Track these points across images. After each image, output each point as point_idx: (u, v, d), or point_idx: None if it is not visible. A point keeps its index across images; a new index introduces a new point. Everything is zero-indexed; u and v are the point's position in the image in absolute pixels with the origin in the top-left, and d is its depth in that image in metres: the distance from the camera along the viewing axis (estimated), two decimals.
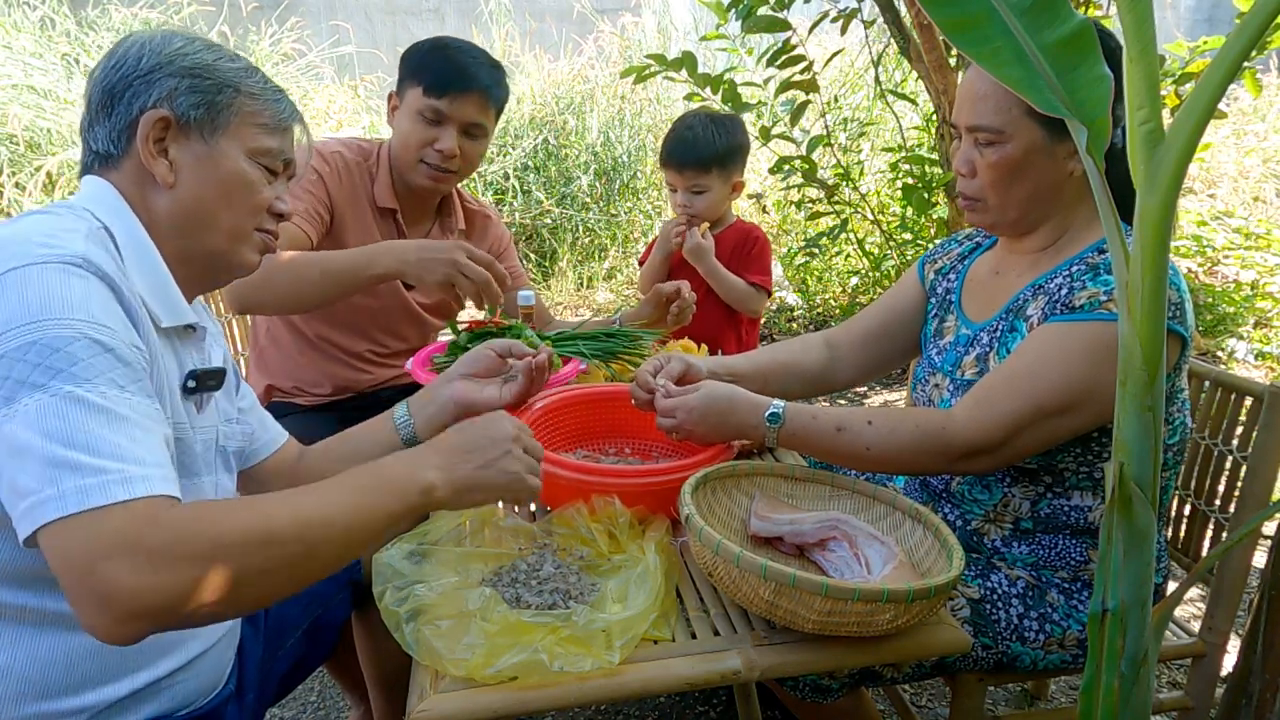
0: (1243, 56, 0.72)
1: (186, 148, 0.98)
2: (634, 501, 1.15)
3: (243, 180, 1.01)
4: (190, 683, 0.99)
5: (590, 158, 5.53)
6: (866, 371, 1.53)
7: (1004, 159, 1.18)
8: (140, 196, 0.98)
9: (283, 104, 1.05)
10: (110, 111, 0.97)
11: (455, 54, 1.74)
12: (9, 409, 0.75)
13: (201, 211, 0.99)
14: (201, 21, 6.08)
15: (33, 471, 0.74)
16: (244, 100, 1.01)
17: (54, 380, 0.76)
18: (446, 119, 1.73)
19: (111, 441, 0.76)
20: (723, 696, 1.85)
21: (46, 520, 0.73)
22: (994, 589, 1.24)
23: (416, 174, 1.78)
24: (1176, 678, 1.93)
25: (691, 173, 2.10)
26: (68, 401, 0.76)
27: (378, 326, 1.92)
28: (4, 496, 0.76)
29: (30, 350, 0.76)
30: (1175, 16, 7.71)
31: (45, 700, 0.86)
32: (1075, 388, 1.09)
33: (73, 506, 0.73)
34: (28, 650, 0.86)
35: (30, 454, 0.74)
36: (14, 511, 0.75)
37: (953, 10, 0.82)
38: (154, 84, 0.96)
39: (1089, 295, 1.12)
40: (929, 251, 1.52)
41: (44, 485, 0.73)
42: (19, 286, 0.78)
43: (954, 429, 1.14)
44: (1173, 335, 1.09)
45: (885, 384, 3.89)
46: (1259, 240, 4.08)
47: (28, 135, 4.98)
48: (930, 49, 2.88)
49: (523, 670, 0.89)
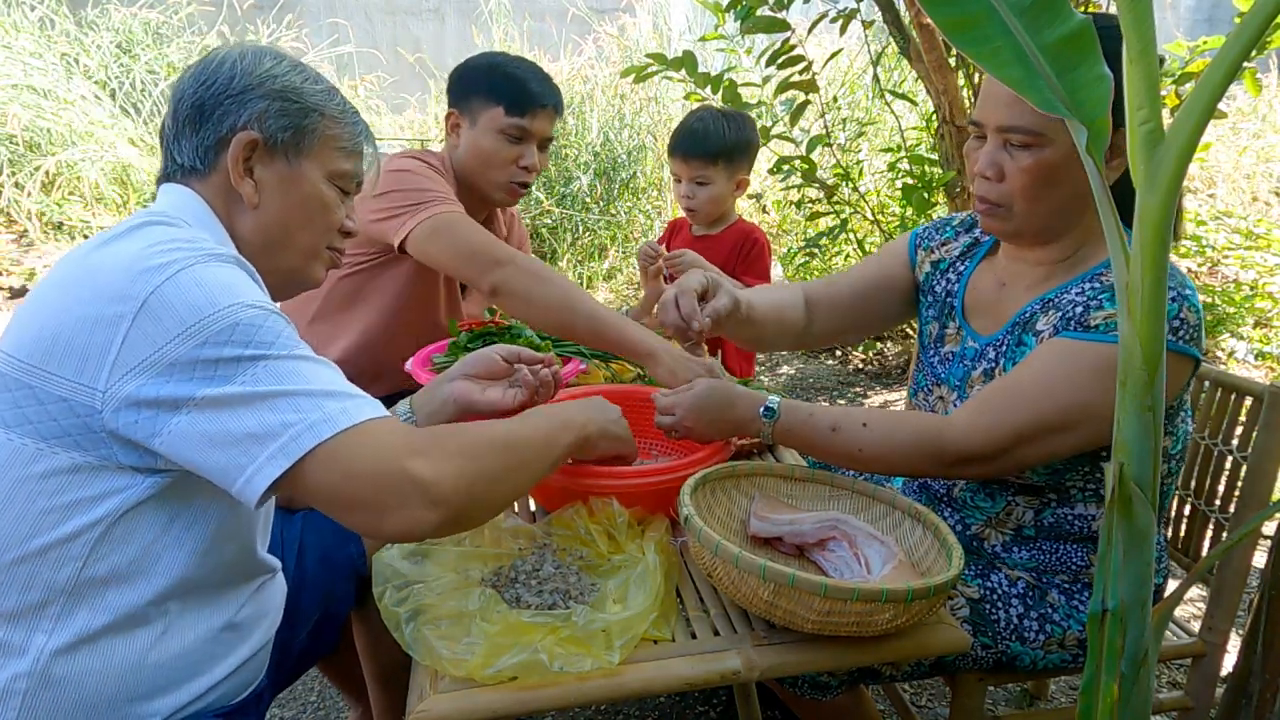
0: (1243, 56, 0.71)
1: (272, 169, 1.01)
2: (633, 502, 1.15)
3: (321, 202, 1.04)
4: (238, 680, 1.01)
5: (590, 158, 5.53)
6: (840, 336, 1.52)
7: (1040, 164, 1.11)
8: (225, 212, 1.00)
9: (359, 126, 1.09)
10: (199, 127, 0.99)
11: (523, 72, 1.80)
12: (234, 383, 0.80)
13: (282, 231, 1.03)
14: (201, 21, 6.08)
15: (285, 407, 0.80)
16: (327, 124, 1.04)
17: (270, 350, 0.82)
18: (529, 135, 1.80)
19: (339, 379, 0.86)
20: (723, 696, 1.85)
21: (321, 439, 0.79)
22: (994, 589, 1.23)
23: (501, 190, 1.84)
24: (1176, 678, 1.93)
25: (697, 163, 2.09)
26: (292, 360, 0.83)
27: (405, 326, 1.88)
28: (225, 457, 0.80)
29: (235, 331, 0.81)
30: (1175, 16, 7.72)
31: (136, 702, 0.89)
32: (1081, 407, 1.06)
33: (346, 422, 0.81)
34: (125, 652, 0.88)
35: (276, 397, 0.80)
36: (254, 459, 0.79)
37: (952, 10, 0.82)
38: (245, 104, 0.98)
39: (1105, 316, 1.08)
40: (921, 233, 1.44)
41: (306, 413, 0.80)
42: (195, 281, 0.83)
43: (951, 435, 1.12)
44: (1186, 357, 1.07)
45: (885, 384, 3.89)
46: (1259, 240, 4.08)
47: (27, 135, 4.98)
48: (930, 49, 2.87)
49: (523, 670, 0.89)
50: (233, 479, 0.80)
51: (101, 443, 0.83)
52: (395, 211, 1.66)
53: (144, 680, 0.89)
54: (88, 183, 4.97)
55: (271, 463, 0.79)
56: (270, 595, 1.07)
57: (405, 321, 1.83)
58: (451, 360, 1.65)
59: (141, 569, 0.88)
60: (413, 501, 0.81)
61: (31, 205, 4.93)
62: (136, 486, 0.85)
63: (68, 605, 0.85)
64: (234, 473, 0.80)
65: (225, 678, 0.98)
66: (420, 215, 1.64)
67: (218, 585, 0.96)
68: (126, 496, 0.85)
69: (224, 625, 0.97)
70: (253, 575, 1.02)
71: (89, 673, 0.86)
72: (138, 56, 5.64)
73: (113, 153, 5.01)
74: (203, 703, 0.96)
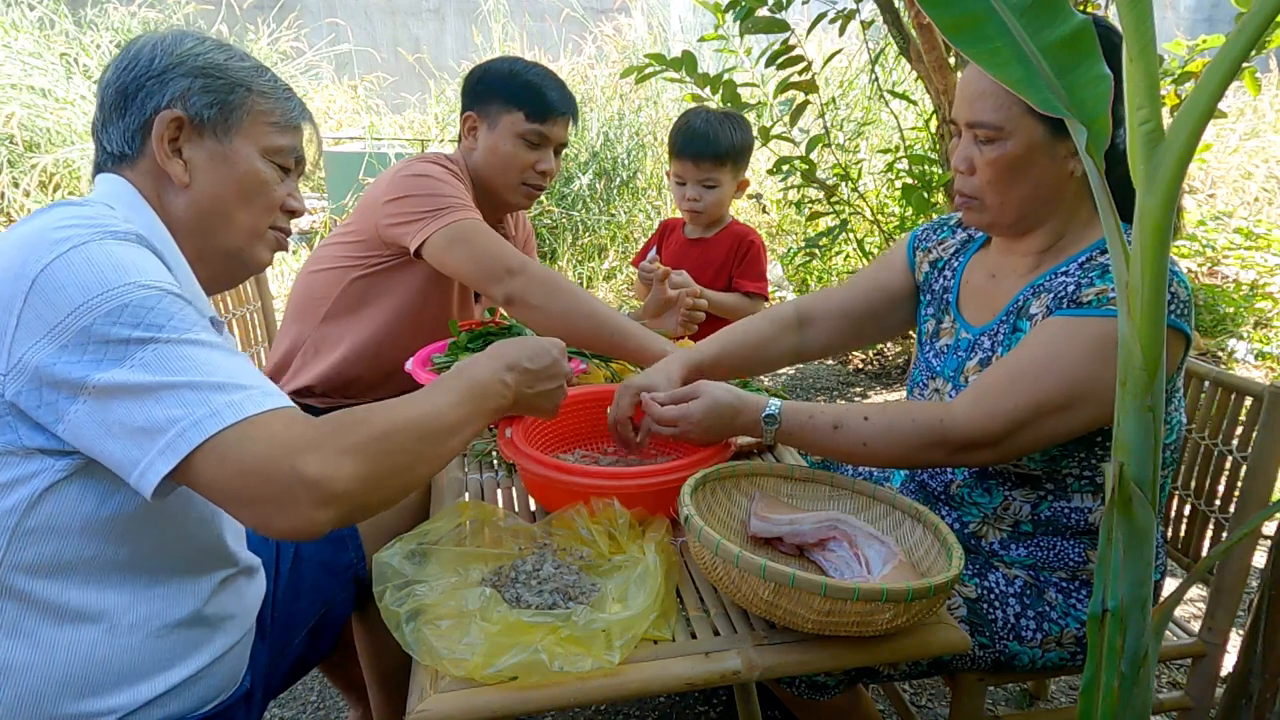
0: (1242, 56, 0.71)
1: (200, 147, 0.99)
2: (633, 503, 1.15)
3: (257, 178, 1.02)
4: (213, 680, 1.00)
5: (590, 158, 5.53)
6: (839, 348, 1.53)
7: (1003, 157, 1.16)
8: (157, 196, 0.99)
9: (293, 103, 1.07)
10: (124, 111, 0.98)
11: (542, 80, 1.82)
12: (122, 366, 0.78)
13: (218, 210, 1.00)
14: (200, 20, 6.08)
15: (172, 401, 0.78)
16: (256, 99, 1.02)
17: (160, 333, 0.80)
18: (547, 141, 1.83)
19: (238, 368, 0.83)
20: (723, 696, 1.85)
21: (207, 435, 0.77)
22: (991, 588, 1.24)
23: (517, 194, 1.86)
24: (1176, 678, 1.93)
25: (708, 165, 2.07)
26: (183, 344, 0.80)
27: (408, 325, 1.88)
28: (119, 449, 0.79)
29: (124, 313, 0.79)
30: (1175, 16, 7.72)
31: (84, 698, 0.87)
32: (1079, 382, 1.08)
33: (232, 417, 0.78)
34: (68, 646, 0.86)
35: (163, 389, 0.78)
36: (145, 453, 0.77)
37: (952, 10, 0.82)
38: (167, 84, 0.97)
39: (1097, 291, 1.10)
40: (918, 234, 1.47)
41: (192, 409, 0.77)
42: (86, 260, 0.81)
43: (952, 422, 1.13)
44: (1177, 332, 1.09)
45: (885, 383, 3.89)
46: (1259, 240, 4.08)
47: (26, 135, 4.98)
48: (930, 49, 2.88)
49: (523, 670, 0.89)
50: (128, 472, 0.79)
51: (6, 427, 0.82)
52: (414, 217, 1.67)
53: (91, 675, 0.87)
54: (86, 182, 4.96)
55: (161, 458, 0.77)
56: (240, 594, 1.05)
57: (415, 324, 1.82)
58: (451, 360, 1.64)
59: (73, 557, 0.86)
60: (302, 500, 0.78)
61: (31, 205, 4.93)
62: (48, 469, 0.83)
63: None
64: (129, 466, 0.79)
65: (189, 679, 0.95)
66: (439, 222, 1.65)
67: (167, 576, 0.93)
68: (40, 481, 0.83)
69: (181, 621, 0.94)
70: (210, 568, 0.99)
71: (28, 666, 0.84)
72: None
73: None
74: (170, 705, 0.94)
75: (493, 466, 1.44)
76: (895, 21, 3.06)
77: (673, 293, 1.91)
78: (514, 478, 1.40)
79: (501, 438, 1.25)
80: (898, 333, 1.50)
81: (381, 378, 1.84)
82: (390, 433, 0.87)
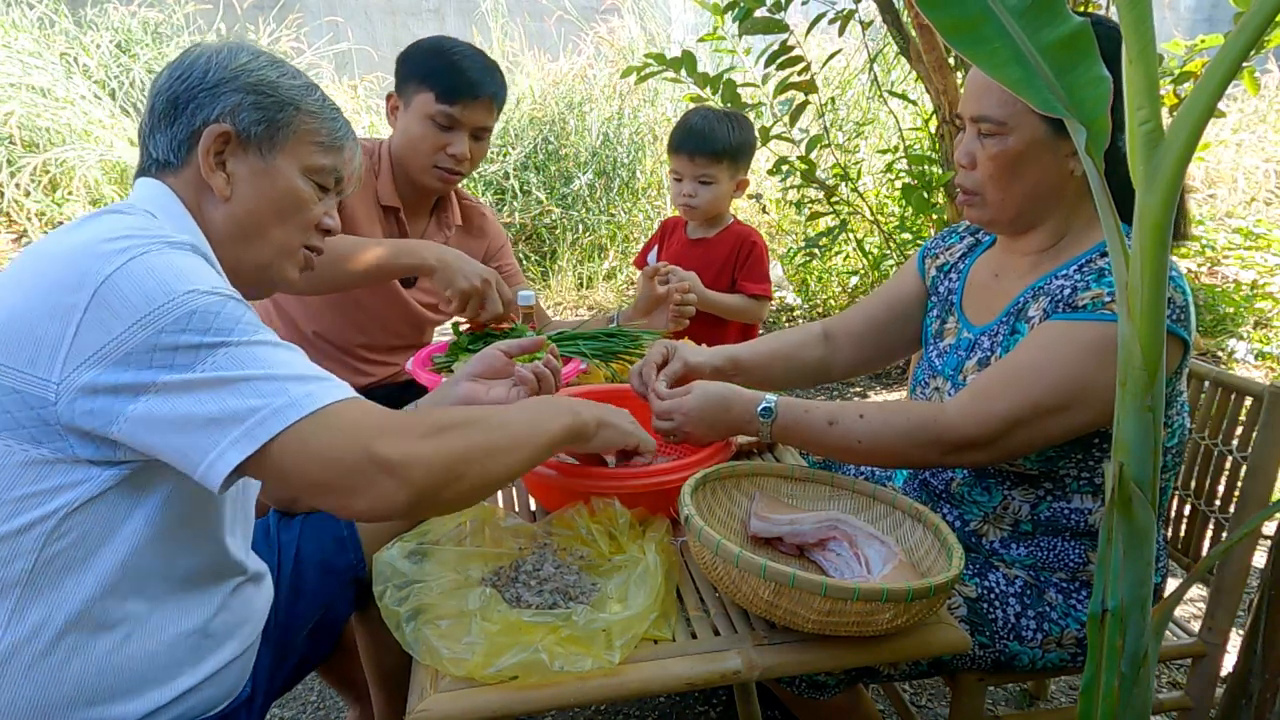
0: (1242, 56, 0.71)
1: (244, 162, 1.00)
2: (634, 503, 1.15)
3: (296, 197, 1.04)
4: (219, 687, 1.00)
5: (590, 158, 5.54)
6: (864, 364, 1.54)
7: (1005, 152, 1.17)
8: (197, 205, 1.00)
9: (339, 123, 1.08)
10: (173, 121, 0.99)
11: (463, 60, 1.75)
12: (196, 371, 0.79)
13: (254, 225, 1.02)
14: (200, 20, 6.08)
15: (249, 392, 0.79)
16: (303, 118, 1.03)
17: (230, 337, 0.81)
18: (459, 124, 1.76)
19: (304, 362, 0.85)
20: (723, 696, 1.85)
21: (289, 423, 0.79)
22: (991, 588, 1.24)
23: (428, 176, 1.81)
24: (1176, 678, 1.93)
25: (703, 161, 2.07)
26: (254, 346, 0.82)
27: (375, 324, 1.92)
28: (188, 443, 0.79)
29: (191, 319, 0.80)
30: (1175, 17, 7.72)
31: (97, 705, 0.87)
32: (1073, 386, 1.08)
33: (312, 405, 0.80)
34: (87, 654, 0.87)
35: (239, 383, 0.79)
36: (217, 443, 0.78)
37: (950, 12, 0.82)
38: (219, 98, 0.98)
39: (1093, 296, 1.11)
40: (929, 244, 1.50)
41: (271, 398, 0.79)
42: (148, 269, 0.81)
43: (947, 422, 1.14)
44: (1175, 338, 1.09)
45: (885, 383, 3.89)
46: (1259, 240, 4.08)
47: (26, 135, 4.98)
48: (930, 49, 2.88)
49: (523, 670, 0.89)
50: (195, 463, 0.79)
51: (57, 435, 0.82)
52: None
53: (105, 682, 0.87)
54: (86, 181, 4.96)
55: (235, 448, 0.78)
56: (249, 600, 1.06)
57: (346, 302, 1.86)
58: (451, 360, 1.65)
59: (99, 565, 0.86)
60: (380, 481, 0.81)
61: (31, 205, 4.93)
62: (93, 480, 0.84)
63: (22, 601, 0.84)
64: (196, 457, 0.79)
65: (197, 685, 0.96)
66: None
67: (184, 585, 0.94)
68: (83, 490, 0.84)
69: (194, 630, 0.95)
70: (224, 577, 1.01)
71: (46, 671, 0.85)
72: (137, 56, 5.64)
73: (111, 152, 5.02)
74: (177, 710, 0.94)
75: None
76: (895, 22, 3.06)
77: (662, 289, 1.91)
78: None
79: None
80: (917, 346, 1.51)
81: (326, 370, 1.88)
82: (464, 421, 0.90)
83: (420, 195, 1.89)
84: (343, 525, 1.28)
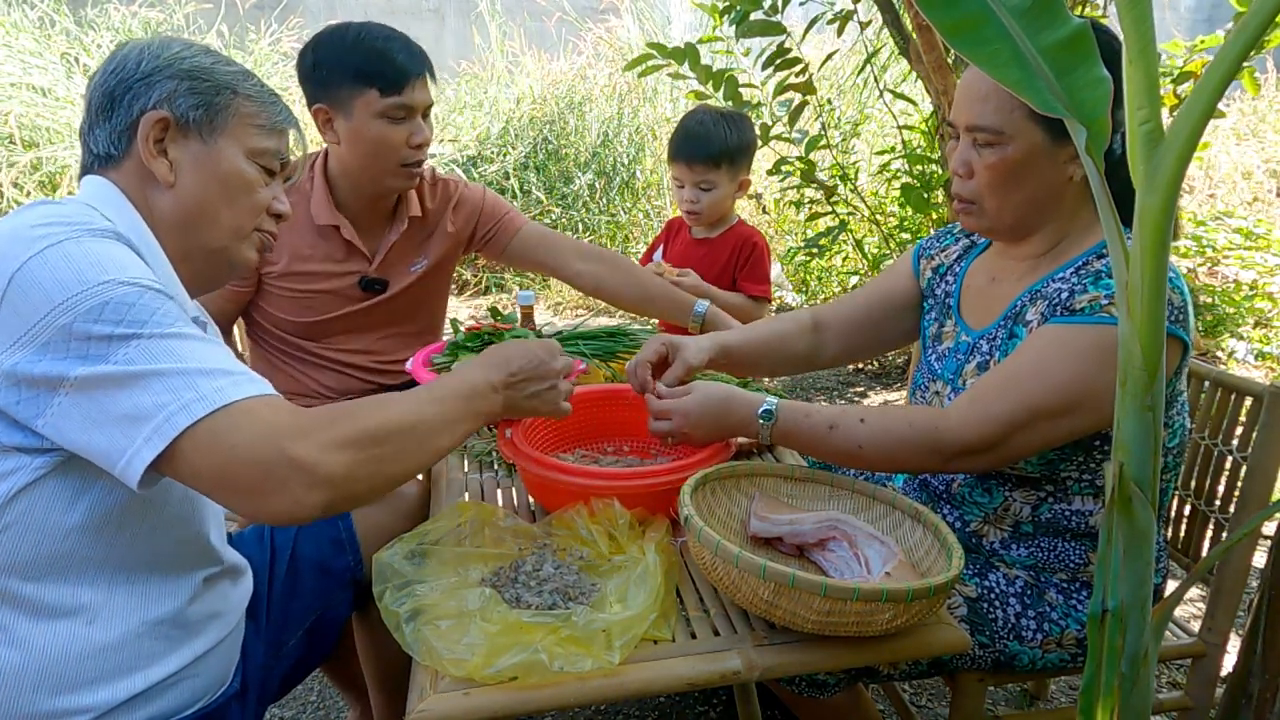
0: (1243, 56, 0.71)
1: (186, 148, 0.99)
2: (634, 503, 1.15)
3: (242, 179, 1.02)
4: (198, 680, 1.00)
5: (590, 157, 5.53)
6: (851, 355, 1.54)
7: (1003, 161, 1.16)
8: (142, 196, 0.99)
9: (278, 107, 1.07)
10: (110, 114, 0.98)
11: (388, 45, 1.65)
12: (107, 362, 0.78)
13: (202, 209, 1.01)
14: (200, 20, 6.08)
15: (159, 388, 0.78)
16: (241, 102, 1.02)
17: (143, 329, 0.80)
18: (412, 110, 1.67)
19: (220, 356, 0.83)
20: (723, 696, 1.85)
21: (196, 418, 0.77)
22: (991, 588, 1.24)
23: (395, 178, 1.72)
24: (1176, 678, 1.93)
25: (701, 167, 2.07)
26: (166, 339, 0.81)
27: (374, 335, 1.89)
28: (104, 438, 0.78)
29: (105, 310, 0.79)
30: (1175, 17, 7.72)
31: (61, 694, 0.87)
32: (1072, 390, 1.08)
33: (220, 401, 0.78)
34: (45, 643, 0.87)
35: (150, 377, 0.78)
36: (131, 441, 0.77)
37: (950, 13, 0.82)
38: (153, 86, 0.98)
39: (1090, 299, 1.11)
40: (924, 243, 1.49)
41: (179, 394, 0.78)
42: (64, 258, 0.81)
43: (947, 427, 1.13)
44: (1174, 339, 1.09)
45: (885, 384, 3.89)
46: (1259, 240, 4.08)
47: (26, 134, 4.98)
48: (929, 49, 2.87)
49: (523, 670, 0.89)
50: (113, 462, 0.79)
51: None
52: None
53: (68, 672, 0.87)
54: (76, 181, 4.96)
55: (148, 445, 0.77)
56: (224, 594, 1.05)
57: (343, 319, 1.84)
58: (451, 360, 1.65)
59: (49, 554, 0.86)
60: (293, 484, 0.79)
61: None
62: (25, 468, 0.84)
63: None
64: (115, 455, 0.79)
65: (172, 676, 0.95)
66: None
67: (146, 574, 0.94)
68: (17, 479, 0.83)
69: (162, 619, 0.94)
70: (191, 567, 1.00)
71: (4, 662, 0.85)
72: None
73: None
74: (154, 704, 0.94)
75: (493, 466, 1.45)
76: (895, 22, 3.05)
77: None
78: (514, 478, 1.40)
79: (501, 438, 1.25)
80: (905, 341, 1.53)
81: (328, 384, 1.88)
82: (379, 427, 0.88)
83: (376, 202, 1.79)
84: (340, 527, 1.28)
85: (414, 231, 1.85)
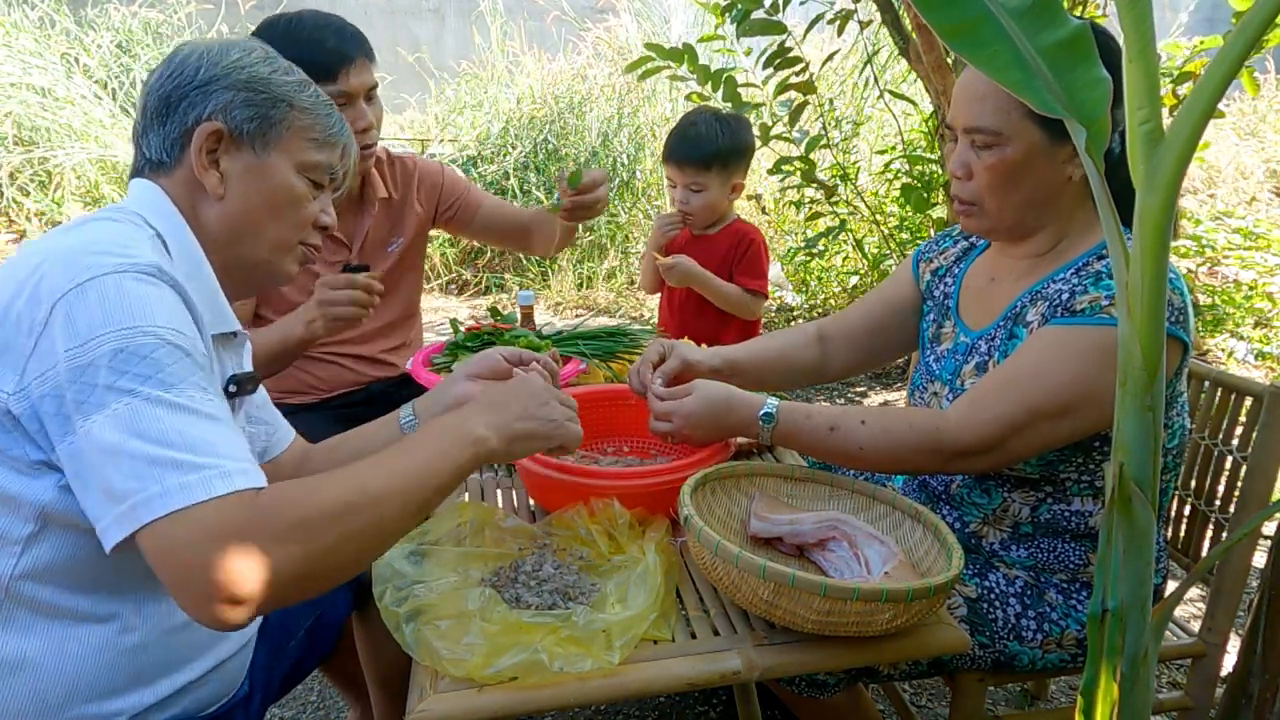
0: (1243, 56, 0.71)
1: (238, 160, 0.99)
2: (633, 503, 1.15)
3: (290, 194, 1.02)
4: (215, 685, 1.00)
5: (590, 158, 5.53)
6: (858, 365, 1.54)
7: (1002, 161, 1.16)
8: (190, 205, 0.99)
9: (333, 118, 1.07)
10: (165, 120, 0.98)
11: (319, 32, 1.57)
12: (100, 414, 0.77)
13: (248, 223, 1.01)
14: (200, 20, 6.08)
15: (130, 471, 0.76)
16: (296, 115, 1.02)
17: (144, 385, 0.79)
18: (352, 96, 1.61)
19: (204, 439, 0.79)
20: (723, 696, 1.85)
21: (154, 517, 0.75)
22: (991, 588, 1.24)
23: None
24: (1176, 678, 1.93)
25: (692, 169, 2.09)
26: (159, 405, 0.79)
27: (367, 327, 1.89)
28: (90, 501, 0.79)
29: (117, 357, 0.79)
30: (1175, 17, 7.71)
31: (91, 702, 0.88)
32: (1072, 391, 1.08)
33: (178, 503, 0.76)
34: (77, 651, 0.87)
35: (126, 455, 0.77)
36: (105, 515, 0.77)
37: (949, 14, 0.82)
38: (210, 95, 0.97)
39: (1090, 300, 1.11)
40: (923, 247, 1.50)
41: (146, 484, 0.76)
42: (100, 295, 0.81)
43: (948, 429, 1.14)
44: (1174, 340, 1.09)
45: (885, 384, 3.89)
46: (1259, 240, 4.08)
47: (26, 134, 4.98)
48: (929, 49, 2.88)
49: (523, 670, 0.89)
50: (94, 521, 0.79)
51: (14, 442, 0.82)
52: None
53: (102, 677, 0.88)
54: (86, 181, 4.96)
55: (116, 526, 0.77)
56: None
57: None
58: (450, 360, 1.65)
59: (83, 565, 0.86)
60: (215, 599, 0.75)
61: (31, 204, 4.93)
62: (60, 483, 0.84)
63: (8, 600, 0.85)
64: (95, 519, 0.79)
65: (195, 681, 0.96)
66: None
67: None
68: (52, 493, 0.84)
69: (186, 624, 0.94)
70: None
71: (40, 668, 0.85)
72: (137, 56, 5.65)
73: (109, 151, 5.01)
74: (174, 708, 0.94)
75: (493, 467, 1.44)
76: (894, 22, 3.06)
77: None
78: (514, 478, 1.40)
79: None
80: (911, 348, 1.52)
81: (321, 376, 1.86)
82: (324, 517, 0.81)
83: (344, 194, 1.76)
84: None
85: (385, 213, 1.88)
